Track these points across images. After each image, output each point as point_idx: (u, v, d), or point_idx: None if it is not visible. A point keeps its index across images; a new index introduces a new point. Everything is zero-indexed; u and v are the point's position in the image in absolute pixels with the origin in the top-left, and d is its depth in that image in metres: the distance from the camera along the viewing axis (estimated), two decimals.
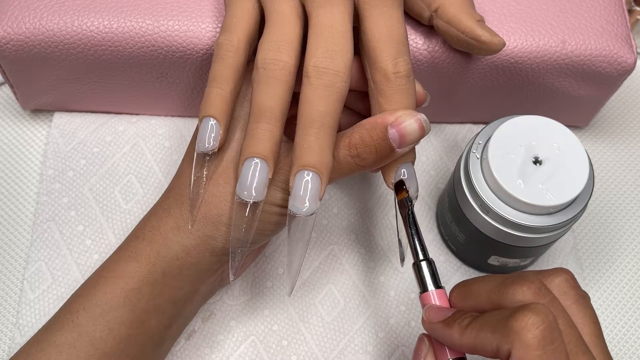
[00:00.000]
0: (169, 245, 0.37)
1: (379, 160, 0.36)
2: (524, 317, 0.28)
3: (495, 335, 0.29)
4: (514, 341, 0.28)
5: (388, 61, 0.35)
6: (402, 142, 0.35)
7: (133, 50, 0.43)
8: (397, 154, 0.35)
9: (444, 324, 0.32)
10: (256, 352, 0.44)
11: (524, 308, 0.29)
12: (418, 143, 0.36)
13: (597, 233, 0.49)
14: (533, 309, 0.29)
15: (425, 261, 0.35)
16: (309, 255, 0.47)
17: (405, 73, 0.35)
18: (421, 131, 0.35)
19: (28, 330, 0.43)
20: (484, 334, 0.30)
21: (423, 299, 0.35)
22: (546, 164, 0.39)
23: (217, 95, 0.35)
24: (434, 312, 0.33)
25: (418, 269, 0.35)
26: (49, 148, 0.49)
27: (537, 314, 0.29)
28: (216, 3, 0.43)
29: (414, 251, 0.36)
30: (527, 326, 0.28)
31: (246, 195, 0.34)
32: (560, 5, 0.45)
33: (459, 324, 0.31)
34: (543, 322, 0.28)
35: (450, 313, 0.32)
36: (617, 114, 0.54)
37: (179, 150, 0.49)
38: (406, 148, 0.35)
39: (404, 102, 0.35)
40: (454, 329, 0.31)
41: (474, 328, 0.30)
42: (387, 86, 0.35)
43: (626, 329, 0.46)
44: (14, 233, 0.47)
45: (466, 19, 0.40)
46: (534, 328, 0.28)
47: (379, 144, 0.35)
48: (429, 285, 0.35)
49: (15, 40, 0.42)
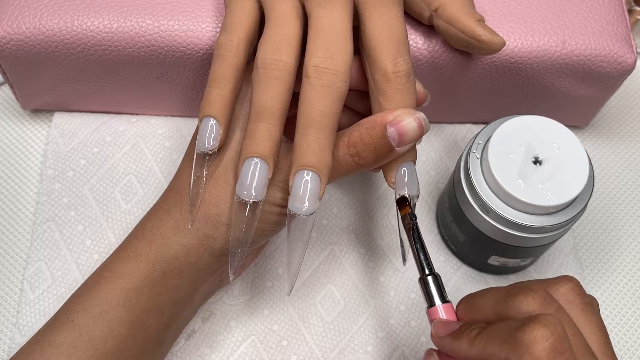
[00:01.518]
0: (168, 245, 0.37)
1: (378, 159, 0.36)
2: (532, 330, 0.28)
3: (504, 347, 0.29)
4: (524, 353, 0.28)
5: (388, 61, 0.35)
6: (401, 140, 0.35)
7: (133, 50, 0.43)
8: (396, 152, 0.35)
9: (452, 336, 0.32)
10: (256, 352, 0.44)
11: (532, 320, 0.29)
12: (419, 142, 0.36)
13: (597, 233, 0.49)
14: (542, 321, 0.29)
15: (431, 276, 0.35)
16: (309, 255, 0.46)
17: (405, 72, 0.35)
18: (420, 130, 0.35)
19: (28, 330, 0.43)
20: (492, 345, 0.30)
21: (430, 313, 0.35)
22: (546, 164, 0.39)
23: (217, 95, 0.35)
24: (442, 326, 0.33)
25: (425, 284, 0.35)
26: (49, 148, 0.49)
27: (546, 325, 0.28)
28: (216, 3, 0.43)
29: (420, 266, 0.36)
30: (536, 339, 0.28)
31: (246, 195, 0.34)
32: (560, 5, 0.45)
33: (467, 336, 0.31)
34: (552, 334, 0.28)
35: (458, 326, 0.32)
36: (617, 114, 0.54)
37: (179, 150, 0.49)
38: (405, 147, 0.35)
39: (403, 102, 0.35)
40: (463, 341, 0.31)
41: (482, 339, 0.30)
42: (387, 86, 0.35)
43: (626, 329, 0.46)
44: (14, 233, 0.47)
45: (466, 18, 0.40)
46: (543, 340, 0.28)
47: (377, 142, 0.35)
48: (436, 300, 0.35)
49: (15, 40, 0.42)
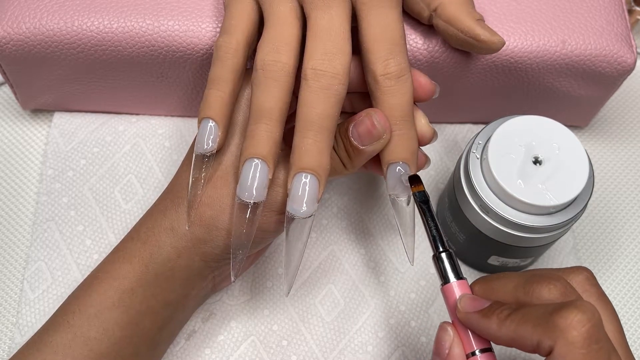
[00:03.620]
0: (161, 247, 0.37)
1: (353, 159, 0.36)
2: (569, 314, 0.28)
3: (537, 330, 0.29)
4: (558, 338, 0.28)
5: (378, 63, 0.35)
6: (362, 140, 0.35)
7: (133, 50, 0.43)
8: (364, 151, 0.35)
9: (481, 314, 0.31)
10: (256, 352, 0.44)
11: (570, 305, 0.29)
12: (383, 140, 0.36)
13: (597, 233, 0.49)
14: (580, 307, 0.28)
15: (445, 252, 0.35)
16: (309, 255, 0.46)
17: (395, 74, 0.35)
18: (373, 127, 0.35)
19: (28, 330, 0.43)
20: (524, 327, 0.29)
21: (445, 290, 0.34)
22: (546, 164, 0.39)
23: (216, 97, 0.35)
24: (470, 301, 0.32)
25: (438, 260, 0.35)
26: (49, 148, 0.49)
27: (584, 312, 0.28)
28: (216, 3, 0.43)
29: (434, 243, 0.35)
30: (572, 323, 0.28)
31: (247, 196, 0.34)
32: (560, 5, 0.45)
33: (497, 315, 0.30)
34: (589, 320, 0.28)
35: (486, 304, 0.32)
36: (617, 114, 0.54)
37: (179, 150, 0.49)
38: (373, 146, 0.35)
39: (392, 103, 0.35)
40: (492, 320, 0.30)
41: (514, 321, 0.30)
42: (376, 88, 0.36)
43: (626, 329, 0.46)
44: (14, 233, 0.47)
45: (465, 18, 0.40)
46: (580, 326, 0.28)
47: (346, 143, 0.36)
48: (451, 277, 0.34)
49: (15, 40, 0.42)
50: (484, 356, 0.32)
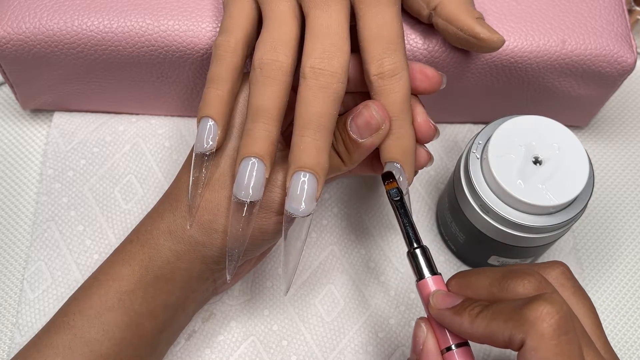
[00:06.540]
0: (160, 250, 0.37)
1: (352, 154, 0.36)
2: (539, 307, 0.28)
3: (508, 324, 0.29)
4: (529, 330, 0.28)
5: (372, 62, 0.35)
6: (361, 133, 0.35)
7: (133, 50, 0.43)
8: (363, 145, 0.35)
9: (453, 311, 0.31)
10: (256, 352, 0.44)
11: (538, 298, 0.29)
12: (382, 132, 0.35)
13: (597, 233, 0.49)
14: (548, 299, 0.28)
15: (419, 249, 0.35)
16: (309, 255, 0.46)
17: (389, 73, 0.35)
18: (371, 118, 0.35)
19: (28, 330, 0.43)
20: (496, 323, 0.29)
21: (420, 286, 0.34)
22: (546, 164, 0.39)
23: (214, 96, 0.35)
24: (442, 298, 0.33)
25: (413, 257, 0.35)
26: (48, 148, 0.49)
27: (553, 303, 0.28)
28: (216, 3, 0.43)
29: (407, 240, 0.35)
30: (542, 315, 0.28)
31: (243, 195, 0.34)
32: (560, 5, 0.45)
33: (469, 313, 0.31)
34: (558, 311, 0.28)
35: (459, 301, 0.32)
36: (617, 114, 0.54)
37: (178, 150, 0.49)
38: (373, 138, 0.35)
39: (387, 102, 0.35)
40: (464, 317, 0.31)
41: (485, 317, 0.30)
42: (370, 87, 0.36)
43: (626, 329, 0.46)
44: (13, 233, 0.47)
45: (465, 16, 0.40)
46: (549, 317, 0.28)
47: (344, 137, 0.35)
48: (425, 273, 0.34)
49: (15, 40, 0.42)
50: (460, 351, 0.32)
